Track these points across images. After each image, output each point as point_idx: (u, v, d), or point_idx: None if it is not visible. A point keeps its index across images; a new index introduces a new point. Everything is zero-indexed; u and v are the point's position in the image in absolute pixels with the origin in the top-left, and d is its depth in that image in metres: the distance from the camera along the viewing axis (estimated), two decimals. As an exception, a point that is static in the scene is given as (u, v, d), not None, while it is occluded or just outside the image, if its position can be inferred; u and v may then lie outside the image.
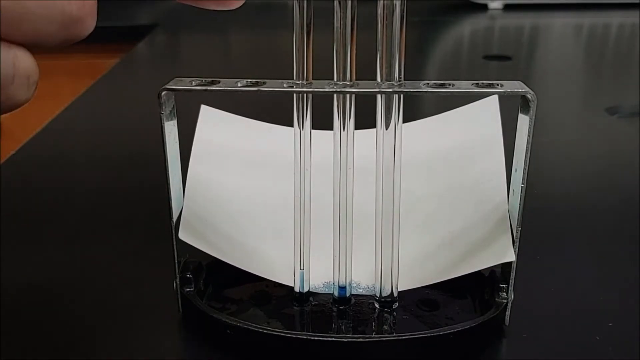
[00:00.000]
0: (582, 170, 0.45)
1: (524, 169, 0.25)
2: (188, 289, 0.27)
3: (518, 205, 0.25)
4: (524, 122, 0.25)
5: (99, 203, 0.39)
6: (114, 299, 0.29)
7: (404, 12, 0.24)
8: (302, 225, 0.27)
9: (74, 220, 0.37)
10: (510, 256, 0.26)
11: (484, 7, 1.03)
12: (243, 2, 0.23)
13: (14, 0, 0.18)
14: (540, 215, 0.36)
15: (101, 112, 0.59)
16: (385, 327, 0.27)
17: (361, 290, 0.29)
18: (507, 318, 0.27)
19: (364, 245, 0.28)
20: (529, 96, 0.24)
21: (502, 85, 0.24)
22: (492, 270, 0.28)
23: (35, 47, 0.19)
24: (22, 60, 0.19)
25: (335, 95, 0.25)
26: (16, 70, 0.19)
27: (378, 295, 0.28)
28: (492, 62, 0.75)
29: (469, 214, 0.29)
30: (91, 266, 0.32)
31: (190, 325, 0.27)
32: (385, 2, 0.24)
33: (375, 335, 0.26)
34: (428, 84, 0.24)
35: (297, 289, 0.28)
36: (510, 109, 0.27)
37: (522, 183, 0.25)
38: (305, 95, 0.25)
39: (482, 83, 0.24)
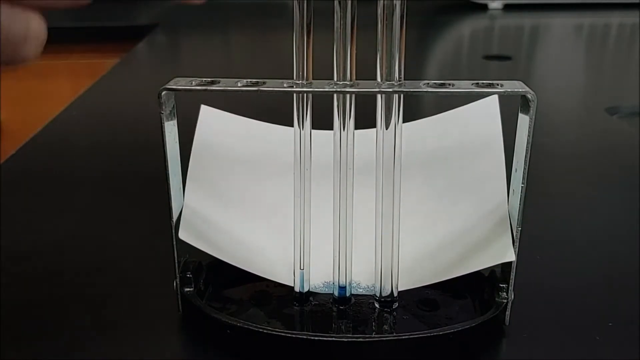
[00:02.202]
0: (582, 170, 0.45)
1: (524, 169, 0.25)
2: (188, 289, 0.27)
3: (518, 205, 0.25)
4: (524, 122, 0.25)
5: (99, 203, 0.39)
6: (114, 299, 0.29)
7: (404, 12, 0.24)
8: (302, 225, 0.27)
9: (73, 220, 0.37)
10: (510, 256, 0.26)
11: (484, 7, 1.03)
12: None
13: None
14: (540, 215, 0.36)
15: (101, 112, 0.59)
16: (385, 327, 0.27)
17: (361, 290, 0.29)
18: (507, 318, 0.27)
19: (364, 245, 0.28)
20: (529, 96, 0.24)
21: (502, 85, 0.24)
22: (492, 270, 0.28)
23: (47, 10, 0.22)
24: (34, 23, 0.21)
25: (335, 95, 0.25)
26: (28, 32, 0.21)
27: (378, 295, 0.28)
28: (492, 62, 0.75)
29: (469, 214, 0.29)
30: (90, 266, 0.32)
31: (190, 325, 0.27)
32: (385, 2, 0.24)
33: (375, 335, 0.26)
34: (428, 84, 0.24)
35: (297, 289, 0.28)
36: (510, 109, 0.27)
37: (522, 183, 0.25)
38: (305, 95, 0.25)
39: (482, 83, 0.24)
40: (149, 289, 0.30)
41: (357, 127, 0.26)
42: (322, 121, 0.28)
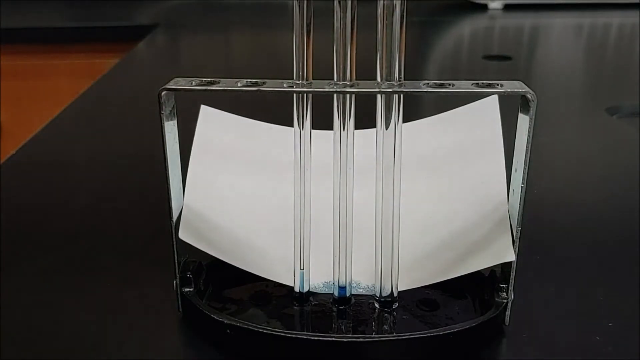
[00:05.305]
0: (582, 170, 0.45)
1: (524, 169, 0.25)
2: (188, 289, 0.27)
3: (518, 205, 0.25)
4: (524, 122, 0.25)
5: (99, 203, 0.39)
6: (114, 299, 0.29)
7: (404, 12, 0.24)
8: (302, 225, 0.27)
9: (73, 220, 0.37)
10: (510, 256, 0.26)
11: (484, 7, 1.03)
12: None
13: None
14: (540, 215, 0.36)
15: (101, 113, 0.59)
16: (385, 327, 0.27)
17: (361, 290, 0.29)
18: (507, 318, 0.27)
19: (364, 245, 0.28)
20: (529, 96, 0.24)
21: (502, 85, 0.24)
22: (492, 270, 0.28)
23: None
24: None
25: (335, 95, 0.25)
26: None
27: (378, 295, 0.28)
28: (492, 62, 0.75)
29: (469, 214, 0.29)
30: (90, 266, 0.32)
31: (190, 325, 0.27)
32: (385, 2, 0.24)
33: (375, 335, 0.26)
34: (428, 84, 0.24)
35: (297, 289, 0.28)
36: (510, 109, 0.27)
37: (522, 183, 0.25)
38: (305, 95, 0.25)
39: (482, 83, 0.24)
40: (149, 289, 0.30)
41: (357, 127, 0.26)
42: (322, 121, 0.28)
